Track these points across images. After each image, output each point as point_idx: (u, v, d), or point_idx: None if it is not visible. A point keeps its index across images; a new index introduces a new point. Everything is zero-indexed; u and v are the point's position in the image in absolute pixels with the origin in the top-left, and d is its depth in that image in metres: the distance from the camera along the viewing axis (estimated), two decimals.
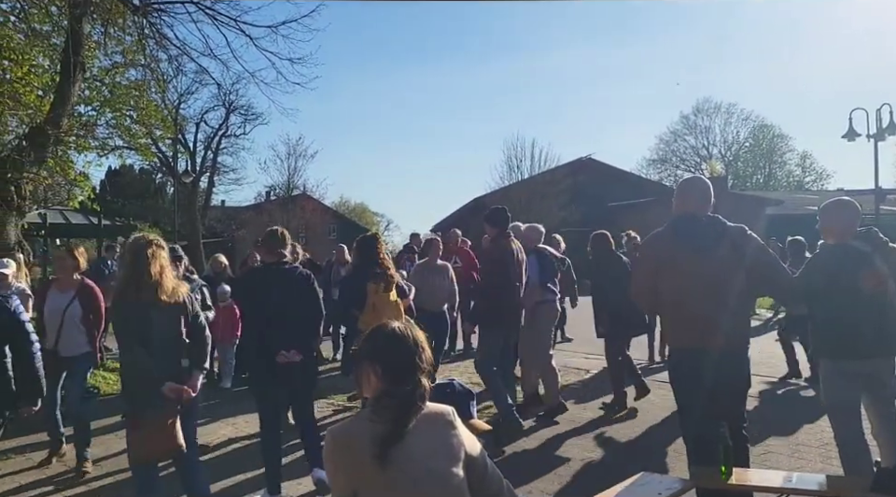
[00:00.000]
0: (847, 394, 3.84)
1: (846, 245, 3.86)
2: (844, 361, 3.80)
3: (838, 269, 3.79)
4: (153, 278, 3.66)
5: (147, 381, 3.66)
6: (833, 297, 3.77)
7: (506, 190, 33.16)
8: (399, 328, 2.07)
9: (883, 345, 3.78)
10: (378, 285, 5.39)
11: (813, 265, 3.98)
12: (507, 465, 5.05)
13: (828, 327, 3.84)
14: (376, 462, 1.86)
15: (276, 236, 4.63)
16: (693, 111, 51.85)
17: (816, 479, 3.44)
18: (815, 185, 50.58)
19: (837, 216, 3.96)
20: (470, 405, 2.36)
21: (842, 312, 3.74)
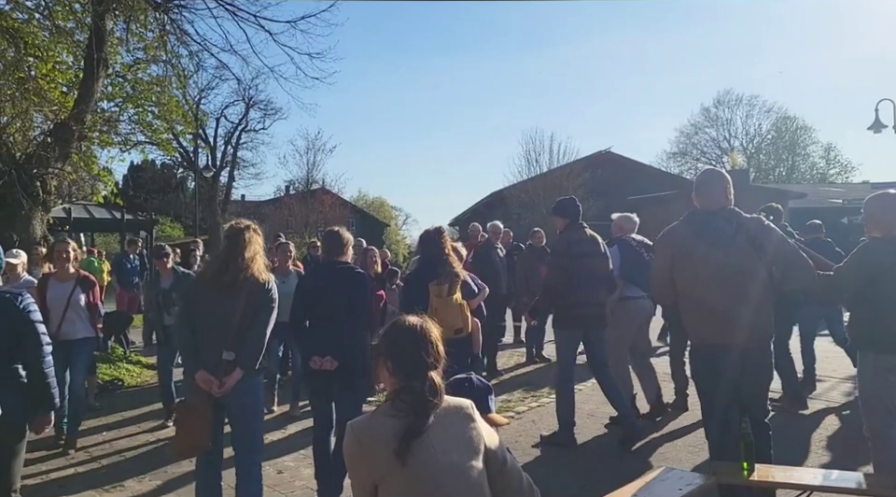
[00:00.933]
0: (886, 388, 3.77)
1: (891, 238, 3.76)
2: (888, 355, 3.72)
3: (890, 262, 3.69)
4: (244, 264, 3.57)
5: (188, 367, 3.64)
6: (882, 291, 3.69)
7: (524, 183, 33.03)
8: (411, 323, 2.09)
9: None
10: (441, 286, 4.87)
11: (861, 258, 3.88)
12: (527, 459, 5.07)
13: (875, 320, 3.74)
14: (396, 457, 1.88)
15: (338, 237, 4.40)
16: (714, 103, 51.35)
17: (845, 476, 3.40)
18: (839, 177, 49.78)
19: (884, 208, 3.85)
20: (489, 400, 2.37)
21: (888, 304, 3.65)
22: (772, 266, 3.67)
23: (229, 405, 3.63)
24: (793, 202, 28.96)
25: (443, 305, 4.76)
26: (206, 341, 3.55)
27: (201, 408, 3.51)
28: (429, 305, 4.69)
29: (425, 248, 5.21)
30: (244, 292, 3.55)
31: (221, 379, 3.50)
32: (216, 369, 3.52)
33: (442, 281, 4.83)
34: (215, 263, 3.71)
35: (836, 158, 52.14)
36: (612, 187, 31.27)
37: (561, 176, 32.05)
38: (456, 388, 2.32)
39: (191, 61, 11.48)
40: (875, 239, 3.88)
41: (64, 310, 5.47)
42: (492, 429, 2.09)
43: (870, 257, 3.83)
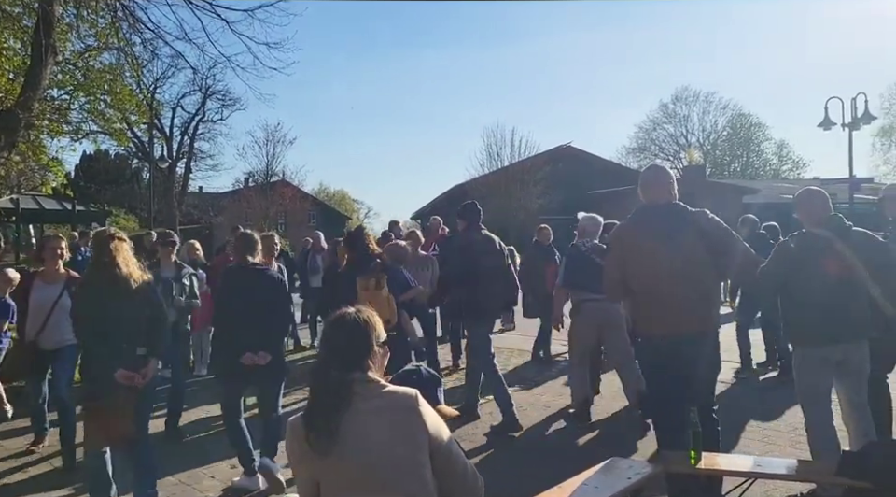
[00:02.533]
0: (820, 380, 3.90)
1: (810, 232, 3.94)
2: (817, 346, 3.86)
3: (805, 256, 3.85)
4: (115, 269, 3.80)
5: (102, 368, 3.78)
6: (803, 283, 3.83)
7: (486, 177, 33.16)
8: (346, 315, 2.12)
9: (854, 330, 3.85)
10: (368, 280, 5.16)
11: (782, 253, 4.03)
12: (476, 450, 5.11)
13: (801, 313, 3.89)
14: (320, 451, 1.90)
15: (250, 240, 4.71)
16: (672, 100, 52.30)
17: (784, 463, 3.51)
18: (791, 173, 51.26)
19: (804, 204, 4.04)
20: (438, 391, 2.38)
21: (813, 298, 3.79)
22: (718, 258, 3.76)
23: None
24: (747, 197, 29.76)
25: (371, 297, 5.00)
26: (119, 342, 3.81)
27: (123, 403, 3.79)
28: (358, 299, 4.95)
29: (354, 245, 5.48)
30: (139, 294, 3.87)
31: (141, 372, 3.85)
32: (135, 365, 3.84)
33: (370, 276, 5.13)
34: (104, 271, 3.83)
35: (788, 155, 53.76)
36: (573, 181, 31.64)
37: (522, 170, 32.29)
38: (405, 379, 2.33)
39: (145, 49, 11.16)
40: (796, 233, 4.01)
41: (49, 314, 5.01)
42: (439, 419, 2.10)
43: (788, 253, 3.96)
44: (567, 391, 6.88)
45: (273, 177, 37.84)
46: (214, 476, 4.76)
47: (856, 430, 3.96)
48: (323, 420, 1.94)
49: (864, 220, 4.29)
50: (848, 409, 4.00)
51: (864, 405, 3.99)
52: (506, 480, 4.41)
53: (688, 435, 3.24)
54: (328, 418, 1.94)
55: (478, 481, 2.14)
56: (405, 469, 1.94)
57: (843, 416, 4.05)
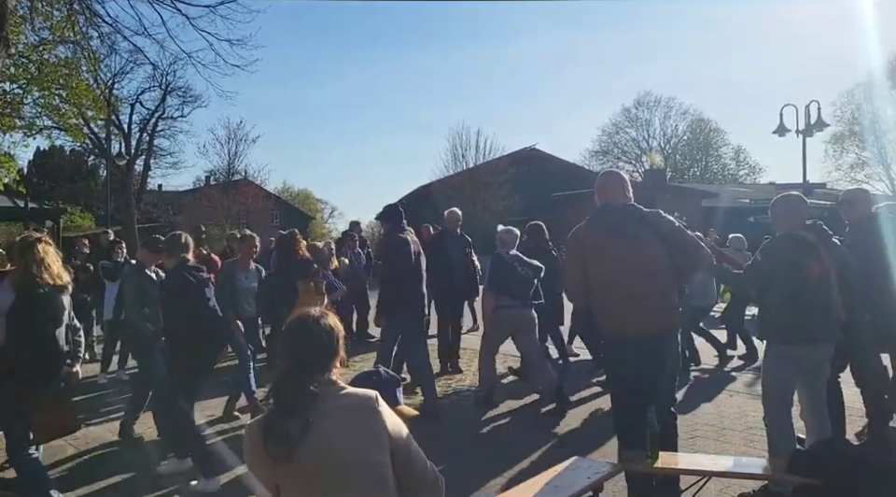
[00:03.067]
0: (789, 378, 4.01)
1: (796, 234, 4.04)
2: (795, 345, 3.96)
3: (798, 257, 3.95)
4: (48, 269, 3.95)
5: (54, 362, 3.95)
6: (787, 283, 3.93)
7: (450, 178, 33.21)
8: (307, 318, 2.10)
9: (828, 331, 3.98)
10: (309, 284, 5.39)
11: (768, 253, 4.12)
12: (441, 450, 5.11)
13: (787, 312, 3.96)
14: (280, 456, 1.88)
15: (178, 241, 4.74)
16: (634, 104, 53.06)
17: (737, 462, 3.61)
18: (748, 178, 52.47)
19: (789, 208, 4.14)
20: (397, 392, 2.38)
21: (800, 298, 3.89)
22: (675, 257, 3.83)
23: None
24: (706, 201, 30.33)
25: (311, 301, 5.17)
26: (62, 339, 4.02)
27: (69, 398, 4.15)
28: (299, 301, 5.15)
29: (284, 250, 5.64)
30: (66, 293, 4.08)
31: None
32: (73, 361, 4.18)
33: (308, 279, 5.37)
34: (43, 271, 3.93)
35: (745, 160, 55.03)
36: (537, 183, 31.89)
37: (487, 171, 32.40)
38: (364, 380, 2.33)
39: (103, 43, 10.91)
40: (781, 235, 4.13)
41: None
42: (399, 420, 2.10)
43: (774, 254, 4.07)
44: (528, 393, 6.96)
45: (236, 176, 37.31)
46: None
47: (814, 427, 4.09)
48: (283, 427, 1.92)
49: None
50: (810, 408, 4.12)
51: (824, 405, 4.13)
52: (467, 480, 4.44)
53: (646, 435, 3.30)
54: (287, 424, 1.92)
55: (438, 481, 2.15)
56: (366, 470, 1.93)
57: (803, 414, 4.17)
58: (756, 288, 4.25)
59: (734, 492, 4.05)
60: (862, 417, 4.94)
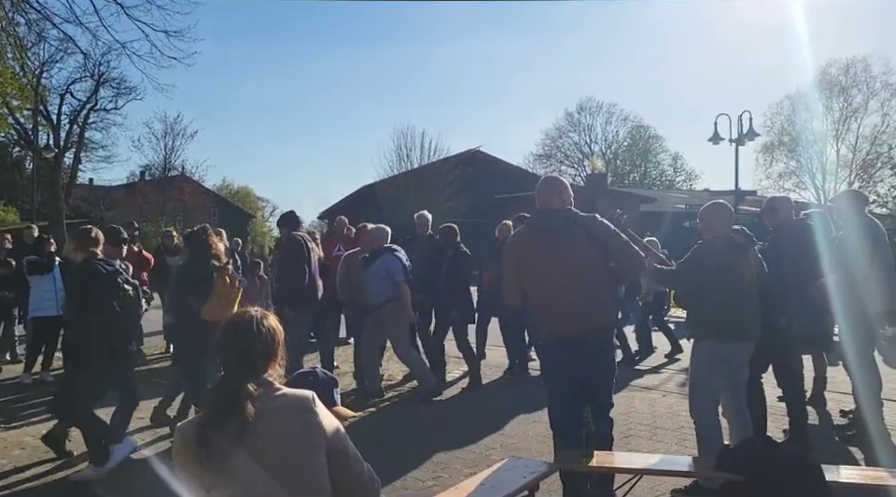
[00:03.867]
0: (716, 375, 4.14)
1: (727, 237, 4.19)
2: (726, 342, 4.09)
3: (728, 259, 4.10)
4: None
5: None
6: (718, 285, 4.06)
7: (395, 178, 33.12)
8: (242, 317, 2.05)
9: (754, 330, 4.15)
10: (224, 277, 5.41)
11: (701, 253, 4.24)
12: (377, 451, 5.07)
13: (713, 312, 4.09)
14: (211, 460, 1.83)
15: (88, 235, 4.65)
16: (577, 109, 54.15)
17: (668, 460, 3.71)
18: (685, 184, 54.29)
19: (717, 215, 4.31)
20: (334, 392, 2.34)
21: (726, 298, 4.02)
22: (609, 260, 3.90)
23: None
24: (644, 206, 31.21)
25: (232, 293, 5.36)
26: None
27: None
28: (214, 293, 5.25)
29: (196, 245, 5.60)
30: None
31: None
32: None
33: (224, 273, 5.44)
34: None
35: (682, 166, 56.96)
36: (481, 185, 32.12)
37: (431, 172, 32.46)
38: (301, 381, 2.28)
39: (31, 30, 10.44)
40: (711, 238, 4.27)
41: None
42: (336, 421, 2.06)
43: (703, 256, 4.21)
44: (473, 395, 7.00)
45: (172, 172, 36.22)
46: None
47: (736, 425, 4.24)
48: (217, 429, 1.86)
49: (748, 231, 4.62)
50: (731, 406, 4.27)
51: (744, 403, 4.29)
52: (403, 481, 4.42)
53: (582, 435, 3.35)
54: (222, 427, 1.86)
55: (374, 483, 2.13)
56: (301, 472, 1.90)
57: (725, 412, 4.31)
58: (686, 288, 4.38)
59: (665, 489, 4.16)
60: (784, 415, 5.14)
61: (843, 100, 40.32)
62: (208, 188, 40.66)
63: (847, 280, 4.95)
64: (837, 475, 3.18)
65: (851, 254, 5.02)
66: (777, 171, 42.38)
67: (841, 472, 3.22)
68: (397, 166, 34.55)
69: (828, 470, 3.12)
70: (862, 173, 39.28)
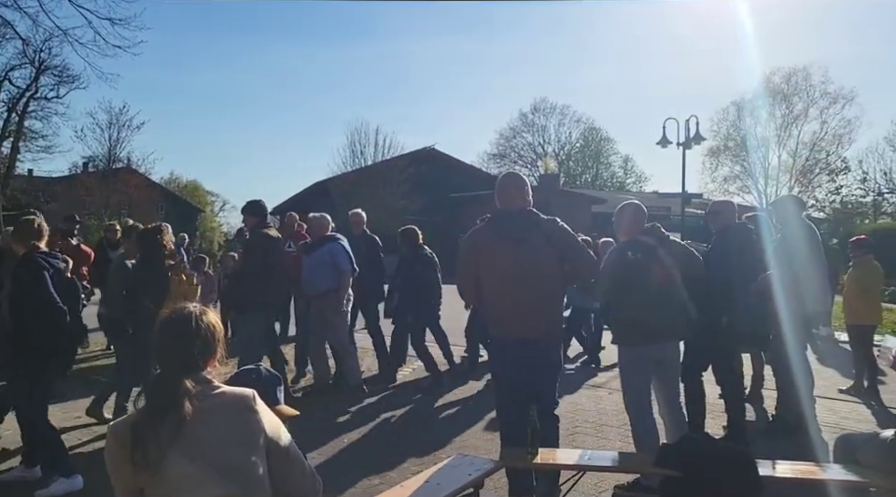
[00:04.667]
0: (641, 377, 4.23)
1: (636, 240, 4.27)
2: (639, 346, 4.18)
3: (637, 260, 4.17)
4: None
5: None
6: (634, 286, 4.14)
7: (348, 175, 32.87)
8: (179, 313, 2.01)
9: (673, 330, 4.22)
10: (181, 277, 5.34)
11: (618, 256, 4.34)
12: (321, 449, 5.04)
13: (630, 314, 4.19)
14: (146, 458, 1.78)
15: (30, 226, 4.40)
16: (531, 110, 54.70)
17: (611, 456, 3.78)
18: (635, 186, 55.46)
19: (627, 216, 4.39)
20: (277, 390, 2.31)
21: (641, 300, 4.11)
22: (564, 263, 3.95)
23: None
24: (596, 207, 31.74)
25: (182, 291, 5.15)
26: None
27: None
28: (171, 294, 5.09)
29: (148, 243, 5.51)
30: None
31: None
32: None
33: (180, 273, 5.31)
34: None
35: (633, 168, 58.21)
36: (435, 183, 32.15)
37: (385, 169, 32.32)
38: (243, 379, 2.24)
39: None
40: (620, 242, 4.37)
41: None
42: (277, 420, 2.03)
43: (617, 259, 4.29)
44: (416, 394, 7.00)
45: (117, 164, 35.07)
46: None
47: (671, 422, 4.36)
48: (153, 428, 1.81)
49: (695, 233, 4.74)
50: (665, 404, 4.39)
51: (677, 399, 4.40)
52: (347, 480, 4.39)
53: (527, 433, 3.39)
54: (158, 426, 1.82)
55: (316, 483, 2.11)
56: (239, 472, 1.86)
57: (660, 410, 4.42)
58: (604, 293, 4.48)
59: (609, 485, 4.24)
60: (723, 412, 5.30)
61: (785, 107, 41.83)
62: (155, 181, 39.58)
63: (785, 282, 5.13)
64: (772, 470, 3.29)
65: (789, 257, 5.20)
66: (723, 175, 43.72)
67: (775, 466, 3.33)
68: (350, 163, 34.33)
69: (762, 465, 3.23)
70: (802, 178, 40.75)
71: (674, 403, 4.36)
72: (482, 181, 32.48)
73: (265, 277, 6.06)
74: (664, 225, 4.64)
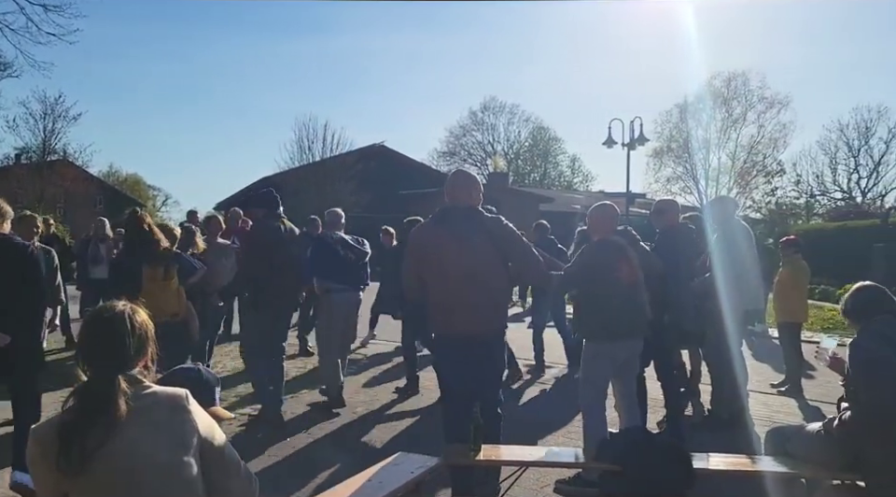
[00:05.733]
0: (602, 372, 4.30)
1: (610, 240, 4.35)
2: (610, 342, 4.25)
3: (608, 260, 4.24)
4: None
5: None
6: (604, 284, 4.21)
7: (296, 171, 32.41)
8: (107, 309, 1.94)
9: (637, 328, 4.31)
10: (156, 270, 4.88)
11: (583, 257, 4.39)
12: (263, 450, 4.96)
13: (599, 312, 4.24)
14: (70, 463, 1.72)
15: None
16: (480, 108, 54.98)
17: (552, 452, 3.83)
18: (581, 186, 56.39)
19: (602, 216, 4.46)
20: (215, 392, 2.25)
21: (607, 299, 4.17)
22: (509, 263, 3.98)
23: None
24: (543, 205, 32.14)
25: (158, 288, 4.77)
26: None
27: None
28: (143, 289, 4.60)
29: (128, 231, 5.17)
30: None
31: None
32: None
33: (157, 264, 4.85)
34: None
35: (580, 168, 59.14)
36: (385, 180, 32.01)
37: (334, 165, 32.00)
38: (179, 377, 2.18)
39: None
40: (594, 241, 4.44)
41: None
42: (212, 420, 1.98)
43: (589, 258, 4.37)
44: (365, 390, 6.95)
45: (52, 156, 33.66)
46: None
47: (627, 418, 4.43)
48: (78, 434, 1.74)
49: (638, 232, 4.84)
50: (622, 400, 4.47)
51: (634, 396, 4.49)
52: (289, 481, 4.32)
53: (470, 429, 3.40)
54: (83, 432, 1.75)
55: (252, 484, 2.06)
56: (170, 475, 1.81)
57: (615, 405, 4.51)
58: (574, 290, 4.54)
59: (550, 480, 4.29)
60: (662, 407, 5.44)
61: (725, 111, 43.15)
62: (93, 174, 38.16)
63: (721, 281, 5.29)
64: (706, 463, 3.40)
65: (724, 256, 5.37)
66: (666, 175, 44.83)
67: (709, 459, 3.44)
68: (298, 158, 33.82)
69: (697, 458, 3.33)
70: (740, 179, 42.15)
71: (631, 399, 4.44)
72: (431, 179, 32.49)
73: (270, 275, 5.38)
74: None
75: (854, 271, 9.68)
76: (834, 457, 3.17)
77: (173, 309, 4.89)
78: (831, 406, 5.00)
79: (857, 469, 3.09)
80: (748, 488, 3.66)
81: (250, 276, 5.55)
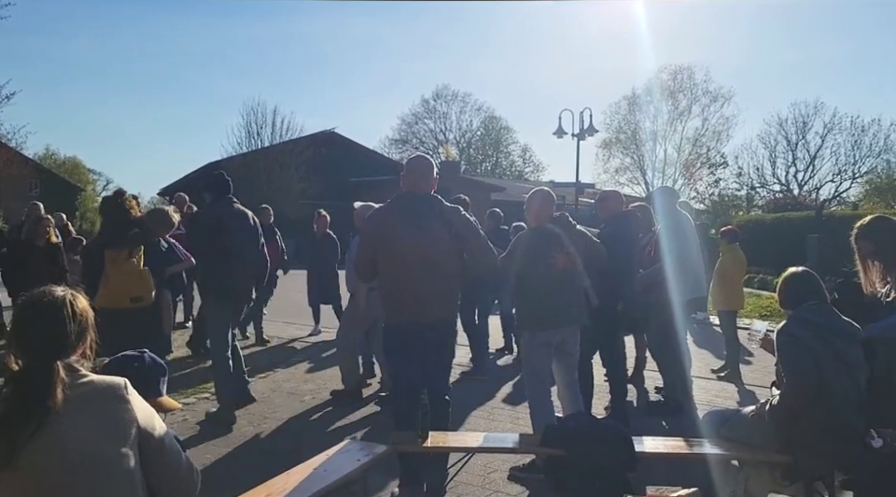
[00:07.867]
0: (542, 361, 4.37)
1: (542, 228, 4.39)
2: (542, 330, 4.31)
3: (539, 248, 4.30)
4: None
5: None
6: (535, 273, 4.26)
7: (244, 156, 31.74)
8: (42, 295, 1.87)
9: (572, 316, 4.38)
10: (119, 252, 4.61)
11: (516, 246, 4.44)
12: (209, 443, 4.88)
13: (530, 300, 4.32)
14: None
15: None
16: (433, 96, 54.88)
17: (499, 437, 3.89)
18: (532, 175, 56.95)
19: (536, 203, 4.49)
20: (160, 381, 2.20)
21: (539, 287, 4.23)
22: (463, 252, 4.00)
23: None
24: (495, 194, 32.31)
25: (118, 271, 4.56)
26: None
27: None
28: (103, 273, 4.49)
29: (105, 214, 4.95)
30: None
31: None
32: None
33: (121, 247, 4.64)
34: None
35: (531, 158, 59.70)
36: (336, 167, 31.65)
37: (283, 151, 31.49)
38: (123, 365, 2.12)
39: None
40: (528, 229, 4.50)
41: None
42: (152, 410, 1.94)
43: (522, 244, 4.42)
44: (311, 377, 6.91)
45: None
46: None
47: (569, 405, 4.52)
48: (9, 424, 1.67)
49: (587, 221, 4.93)
50: (563, 387, 4.55)
51: (575, 383, 4.57)
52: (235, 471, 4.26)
53: (418, 416, 3.42)
54: (18, 421, 1.68)
55: (193, 475, 2.03)
56: (107, 467, 1.76)
57: (558, 393, 4.59)
58: (511, 277, 4.61)
59: (497, 466, 4.35)
60: (607, 393, 5.57)
61: (671, 104, 44.14)
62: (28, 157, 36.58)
63: (668, 269, 5.44)
64: (646, 446, 3.50)
65: (666, 245, 5.52)
66: (614, 166, 45.68)
67: (645, 442, 3.54)
68: (246, 144, 33.12)
69: (637, 441, 3.43)
70: (686, 171, 43.27)
71: (571, 386, 4.52)
72: (383, 166, 32.27)
73: (223, 260, 5.12)
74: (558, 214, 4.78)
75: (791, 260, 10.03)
76: (768, 439, 3.31)
77: (134, 292, 4.63)
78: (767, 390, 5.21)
79: (788, 449, 3.23)
80: (685, 469, 3.80)
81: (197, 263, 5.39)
